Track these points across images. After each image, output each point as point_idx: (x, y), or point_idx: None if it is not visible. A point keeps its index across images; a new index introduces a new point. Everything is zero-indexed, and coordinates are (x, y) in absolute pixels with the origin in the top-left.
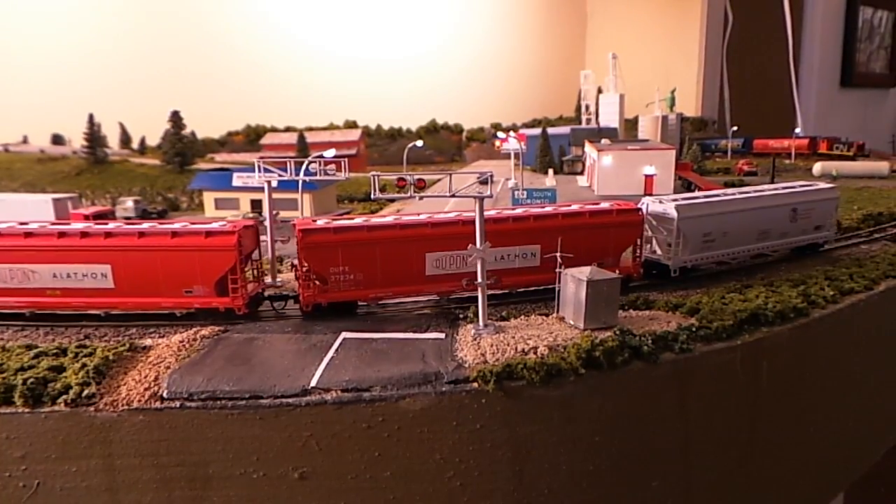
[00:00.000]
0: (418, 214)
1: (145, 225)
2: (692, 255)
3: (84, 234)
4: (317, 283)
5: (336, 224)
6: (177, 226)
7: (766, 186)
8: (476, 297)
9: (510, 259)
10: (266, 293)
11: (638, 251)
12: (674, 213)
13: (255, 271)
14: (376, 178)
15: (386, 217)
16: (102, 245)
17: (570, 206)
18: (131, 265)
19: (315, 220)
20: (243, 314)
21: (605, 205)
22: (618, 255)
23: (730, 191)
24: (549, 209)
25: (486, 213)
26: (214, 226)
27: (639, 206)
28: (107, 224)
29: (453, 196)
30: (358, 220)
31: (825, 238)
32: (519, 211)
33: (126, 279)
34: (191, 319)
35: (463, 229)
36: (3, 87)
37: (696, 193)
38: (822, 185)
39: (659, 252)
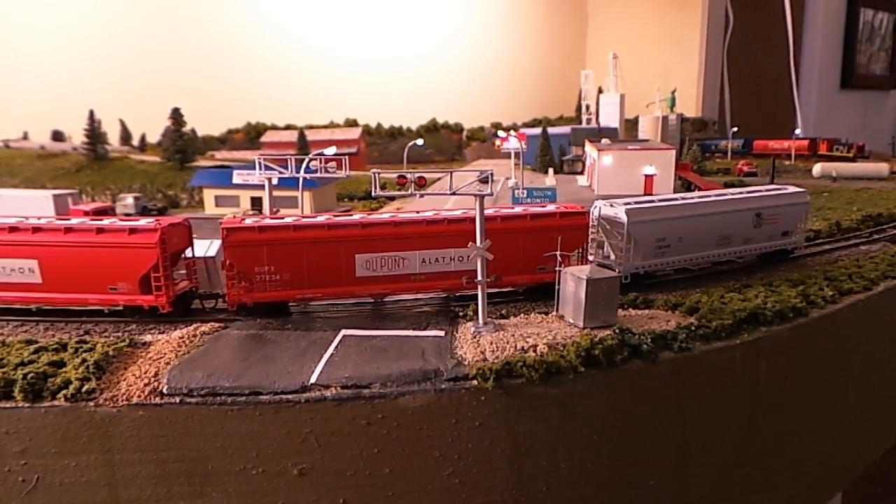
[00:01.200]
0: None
1: (74, 221)
2: (645, 261)
3: (13, 229)
4: (242, 282)
5: (261, 223)
6: (105, 222)
7: (729, 190)
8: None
9: (446, 262)
10: (200, 290)
11: (585, 256)
12: (624, 218)
13: (188, 269)
14: (377, 175)
15: (318, 217)
16: (30, 240)
17: (512, 208)
18: (58, 261)
19: (243, 220)
20: (168, 312)
21: (550, 207)
22: (563, 259)
23: (688, 195)
24: (489, 211)
25: (422, 214)
26: (141, 222)
27: (586, 208)
28: (38, 219)
29: (454, 194)
30: (287, 220)
31: (794, 244)
32: (458, 213)
33: (53, 274)
34: (119, 317)
35: (395, 230)
36: (3, 83)
37: (651, 197)
38: (792, 189)
39: (613, 257)
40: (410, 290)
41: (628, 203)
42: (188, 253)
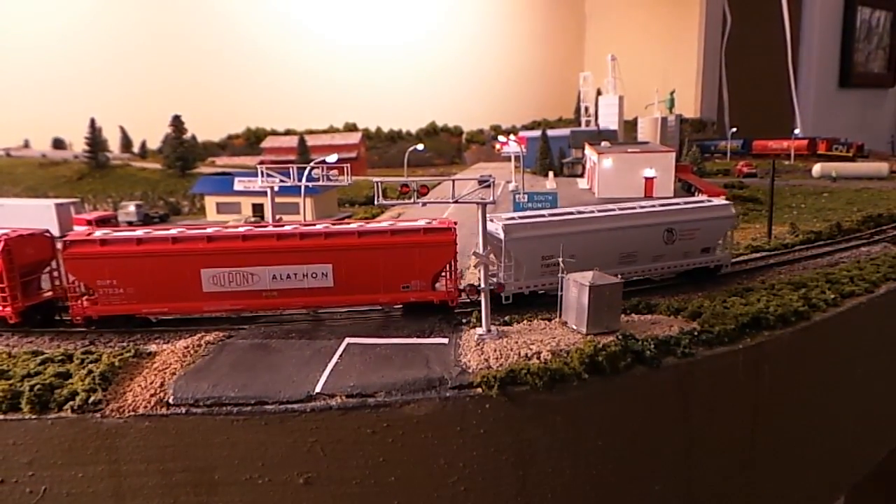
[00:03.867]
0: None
1: None
2: (529, 280)
3: None
4: (85, 295)
5: (104, 236)
6: None
7: (637, 203)
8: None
9: (298, 278)
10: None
11: (454, 275)
12: (501, 234)
13: (55, 281)
14: (379, 184)
15: (170, 230)
16: None
17: (377, 223)
18: None
19: (90, 232)
20: (17, 323)
21: (420, 222)
22: (428, 277)
23: (585, 209)
24: (352, 226)
25: (274, 228)
26: None
27: (453, 225)
28: None
29: (456, 202)
30: (134, 233)
31: (717, 262)
32: (318, 227)
33: None
34: None
35: (243, 245)
36: (4, 91)
37: (542, 212)
38: (716, 202)
39: (501, 275)
40: (263, 308)
41: (511, 218)
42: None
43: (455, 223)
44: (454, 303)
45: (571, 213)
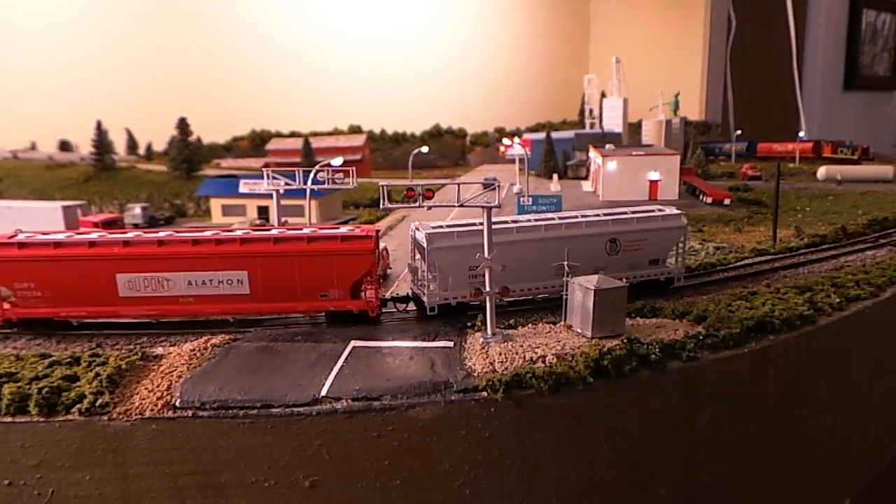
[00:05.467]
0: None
1: None
2: (456, 290)
3: None
4: (7, 298)
5: (24, 239)
6: None
7: (579, 212)
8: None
9: (214, 285)
10: None
11: (374, 284)
12: (425, 243)
13: None
14: (385, 188)
15: (88, 234)
16: None
17: (298, 229)
18: None
19: (13, 235)
20: None
21: (342, 229)
22: (346, 286)
23: (521, 217)
24: (270, 232)
25: (189, 234)
26: None
27: (372, 233)
28: None
29: (461, 206)
30: (53, 236)
31: (667, 274)
32: (229, 233)
33: None
34: None
35: (158, 250)
36: (11, 94)
37: (473, 220)
38: (668, 211)
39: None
40: (179, 314)
41: (439, 225)
42: None
43: (378, 230)
44: (374, 313)
45: (503, 223)
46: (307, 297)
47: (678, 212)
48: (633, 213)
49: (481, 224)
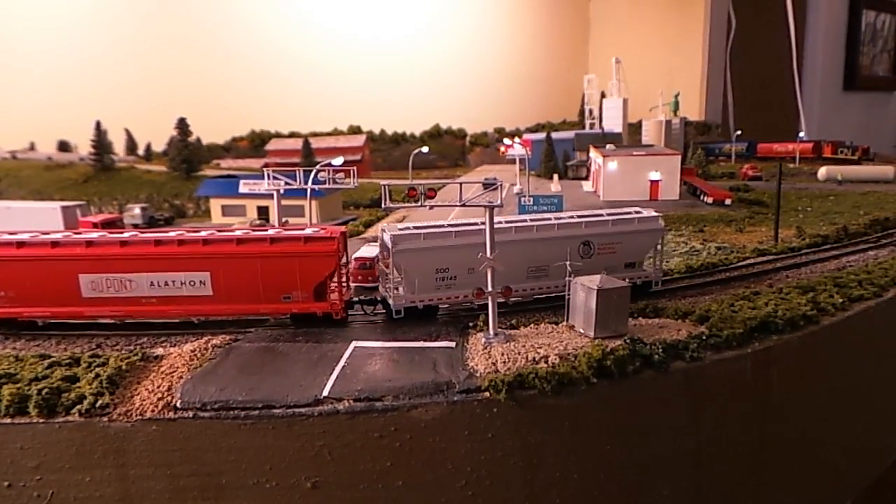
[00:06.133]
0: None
1: None
2: (423, 293)
3: None
4: None
5: None
6: None
7: (552, 214)
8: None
9: (176, 286)
10: None
11: (340, 285)
12: (390, 245)
13: None
14: (386, 188)
15: (51, 234)
16: None
17: (262, 230)
18: None
19: None
20: None
21: (307, 231)
22: (310, 288)
23: (501, 219)
24: (234, 233)
25: (152, 234)
26: None
27: (336, 234)
28: None
29: (463, 206)
30: (16, 236)
31: (645, 278)
32: (197, 234)
33: None
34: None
35: (121, 251)
36: (10, 94)
37: (441, 222)
38: (645, 213)
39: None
40: (142, 315)
41: (407, 227)
42: None
43: (344, 232)
44: (339, 315)
45: (471, 225)
46: (270, 298)
47: (655, 214)
48: (609, 214)
49: (452, 226)
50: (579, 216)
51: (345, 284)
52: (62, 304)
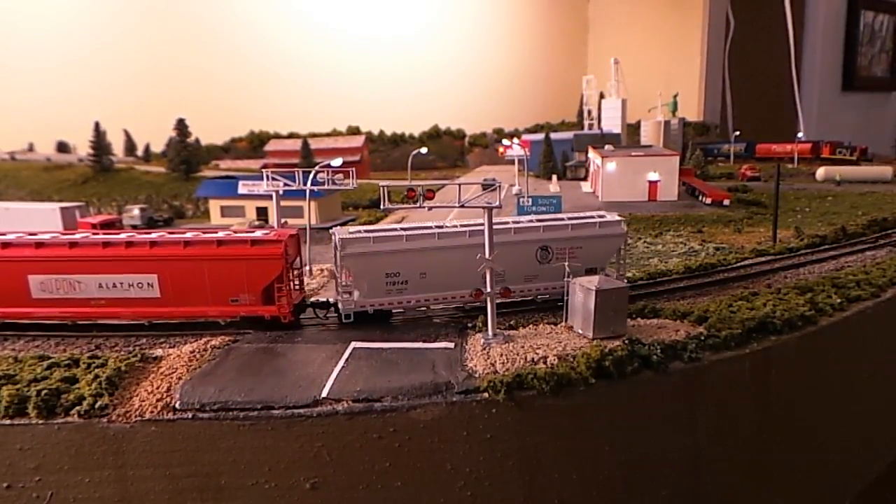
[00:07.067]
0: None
1: None
2: (372, 297)
3: None
4: None
5: None
6: None
7: (510, 218)
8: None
9: (124, 288)
10: None
11: (286, 289)
12: (339, 247)
13: None
14: (385, 188)
15: (4, 234)
16: None
17: (211, 231)
18: None
19: None
20: None
21: (258, 233)
22: (257, 291)
23: (445, 223)
24: (184, 235)
25: (101, 236)
26: None
27: (284, 237)
28: None
29: (462, 206)
30: None
31: None
32: (145, 236)
33: None
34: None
35: (69, 252)
36: (8, 95)
37: (394, 225)
38: (608, 217)
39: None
40: (92, 317)
41: (359, 230)
42: None
43: (296, 235)
44: (286, 319)
45: (424, 228)
46: (218, 301)
47: (618, 218)
48: (570, 218)
49: (404, 230)
50: (538, 220)
51: (297, 288)
52: (12, 304)
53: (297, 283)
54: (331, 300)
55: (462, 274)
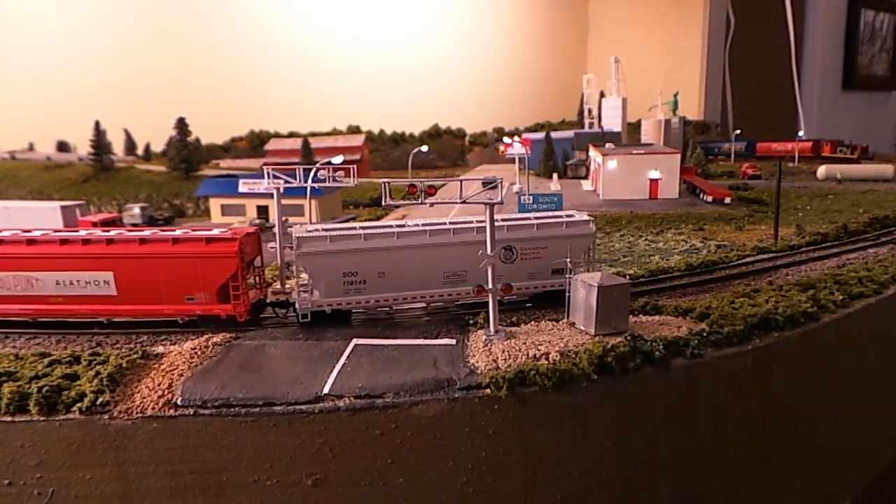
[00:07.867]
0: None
1: None
2: (330, 297)
3: None
4: None
5: None
6: None
7: (474, 217)
8: None
9: (81, 285)
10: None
11: (240, 287)
12: (295, 246)
13: None
14: (387, 185)
15: None
16: None
17: (168, 230)
18: None
19: None
20: None
21: (214, 231)
22: (213, 289)
23: (408, 222)
24: (141, 233)
25: (58, 234)
26: None
27: (240, 235)
28: None
29: (463, 203)
30: None
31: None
32: (101, 233)
33: None
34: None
35: (27, 249)
36: (9, 95)
37: (350, 224)
38: (577, 216)
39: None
40: (49, 314)
41: (317, 229)
42: None
43: (255, 232)
44: (242, 318)
45: (384, 227)
46: (174, 299)
47: (587, 218)
48: (536, 218)
49: (363, 228)
50: (503, 219)
51: (256, 286)
52: None
53: (256, 281)
54: (289, 300)
55: (423, 274)
